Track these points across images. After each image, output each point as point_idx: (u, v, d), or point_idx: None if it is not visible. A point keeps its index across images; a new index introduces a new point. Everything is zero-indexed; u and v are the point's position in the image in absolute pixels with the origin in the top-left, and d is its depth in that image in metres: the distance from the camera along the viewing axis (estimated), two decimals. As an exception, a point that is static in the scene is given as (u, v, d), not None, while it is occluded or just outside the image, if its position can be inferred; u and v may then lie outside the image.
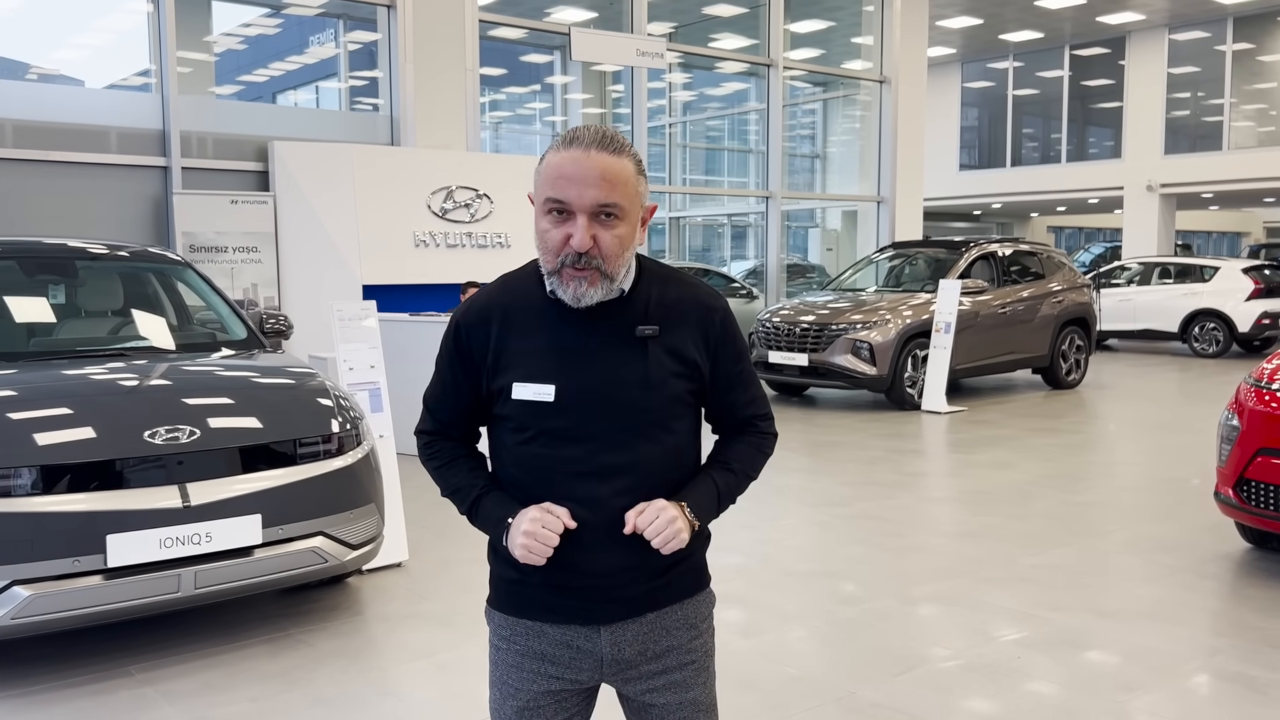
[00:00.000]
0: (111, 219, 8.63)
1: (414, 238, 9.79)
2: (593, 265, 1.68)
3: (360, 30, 11.00)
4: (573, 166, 1.66)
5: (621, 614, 1.80)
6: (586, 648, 1.80)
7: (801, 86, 16.29)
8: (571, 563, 1.75)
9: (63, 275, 5.26)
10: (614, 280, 1.72)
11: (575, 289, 1.70)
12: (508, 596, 1.84)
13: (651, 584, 1.81)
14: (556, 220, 1.69)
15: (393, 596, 4.75)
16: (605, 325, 1.76)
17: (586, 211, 1.66)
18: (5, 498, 3.57)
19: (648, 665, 1.82)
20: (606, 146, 1.67)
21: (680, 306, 1.80)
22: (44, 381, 4.21)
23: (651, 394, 1.75)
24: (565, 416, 1.73)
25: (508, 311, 1.79)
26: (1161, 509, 6.34)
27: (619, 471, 1.75)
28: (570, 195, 1.66)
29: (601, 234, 1.68)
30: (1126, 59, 23.28)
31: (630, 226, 1.71)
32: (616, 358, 1.75)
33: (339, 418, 4.39)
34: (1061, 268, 12.25)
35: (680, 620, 1.85)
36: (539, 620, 1.81)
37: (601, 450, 1.74)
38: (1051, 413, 10.31)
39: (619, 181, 1.68)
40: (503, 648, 1.86)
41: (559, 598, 1.79)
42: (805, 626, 4.37)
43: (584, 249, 1.66)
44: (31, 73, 9.23)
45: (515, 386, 1.74)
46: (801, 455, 8.15)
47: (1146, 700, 3.60)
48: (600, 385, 1.74)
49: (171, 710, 3.56)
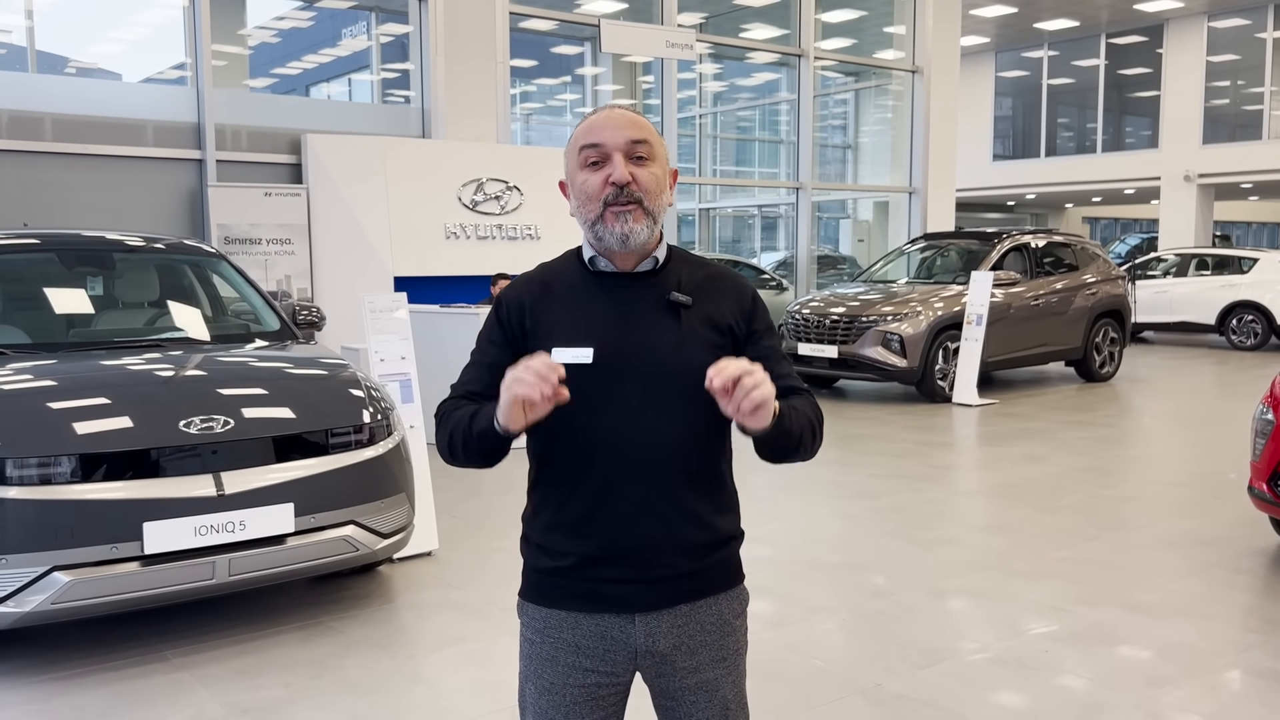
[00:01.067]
0: (148, 211, 8.75)
1: (445, 229, 9.85)
2: (634, 198, 1.76)
3: (392, 23, 11.06)
4: (602, 118, 1.79)
5: (656, 601, 1.80)
6: (621, 639, 1.81)
7: (833, 76, 16.19)
8: (609, 532, 1.77)
9: (101, 267, 5.35)
10: (656, 219, 1.79)
11: (621, 227, 1.76)
12: (542, 587, 1.85)
13: (687, 566, 1.81)
14: (594, 169, 1.78)
15: (423, 585, 4.81)
16: (641, 294, 1.82)
17: (621, 149, 1.76)
18: (45, 485, 3.65)
19: (682, 661, 1.83)
20: (627, 108, 1.81)
21: (713, 283, 1.87)
22: (82, 372, 4.29)
23: (686, 359, 1.77)
24: (601, 380, 1.75)
25: (546, 285, 1.86)
26: (1196, 504, 6.27)
27: (655, 436, 1.76)
28: (604, 138, 1.77)
29: (638, 171, 1.77)
30: (1164, 47, 22.94)
31: (662, 168, 1.81)
32: (653, 324, 1.79)
33: (370, 408, 4.44)
34: (1095, 259, 12.12)
35: (714, 616, 1.85)
36: (574, 610, 1.81)
37: (638, 414, 1.76)
38: (1084, 406, 10.21)
39: (646, 127, 1.80)
40: (536, 641, 1.86)
41: (594, 583, 1.79)
42: (832, 618, 4.38)
43: (624, 180, 1.74)
44: (71, 67, 9.36)
45: (555, 351, 1.75)
46: (831, 448, 8.13)
47: (1177, 695, 3.58)
48: (636, 350, 1.77)
49: (206, 694, 3.63)
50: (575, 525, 1.79)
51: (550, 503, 1.83)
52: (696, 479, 1.81)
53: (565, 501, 1.80)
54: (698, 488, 1.81)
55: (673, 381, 1.77)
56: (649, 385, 1.76)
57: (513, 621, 4.16)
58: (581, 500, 1.78)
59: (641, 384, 1.76)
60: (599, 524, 1.77)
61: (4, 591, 3.56)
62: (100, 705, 3.54)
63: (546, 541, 1.82)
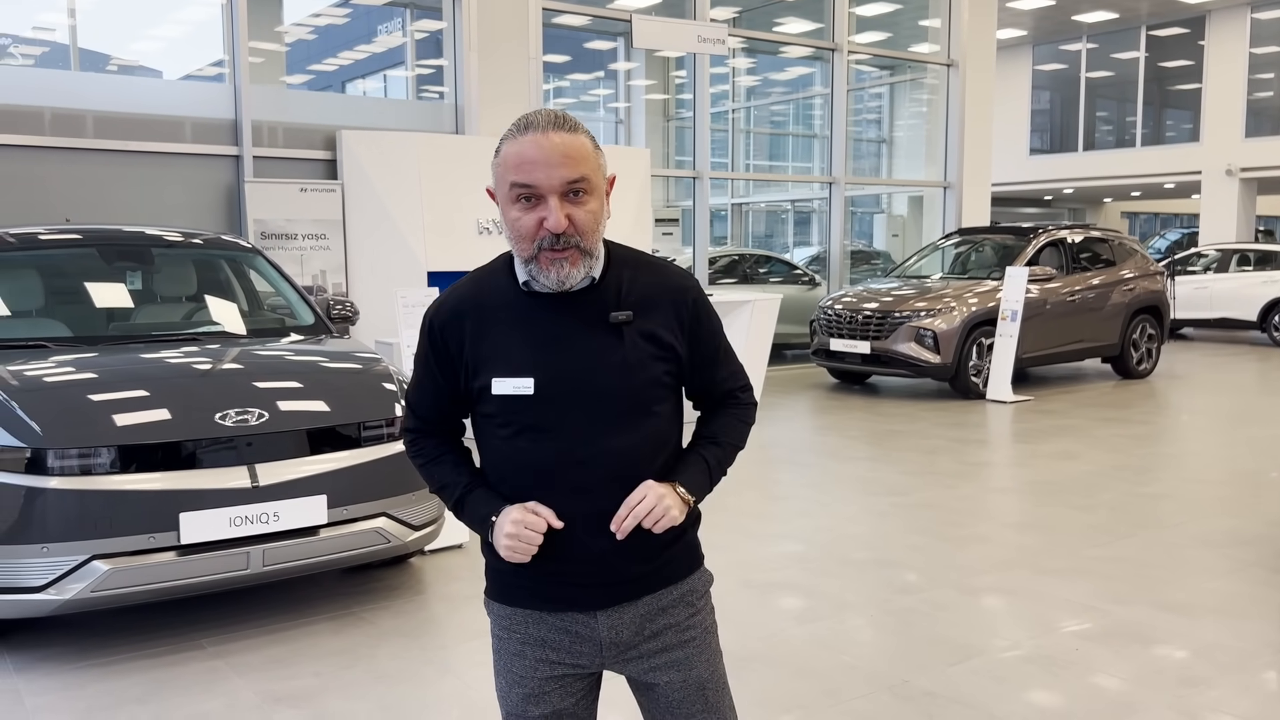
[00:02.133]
0: (186, 207, 8.87)
1: (477, 225, 9.90)
2: (572, 244, 1.68)
3: (427, 19, 11.13)
4: (535, 150, 1.66)
5: (617, 598, 1.81)
6: (585, 633, 1.81)
7: (868, 70, 16.09)
8: (563, 552, 1.77)
9: (140, 262, 5.44)
10: (593, 256, 1.73)
11: (557, 272, 1.70)
12: (504, 588, 1.86)
13: (644, 568, 1.82)
14: (526, 206, 1.69)
15: (454, 577, 4.85)
16: (579, 314, 1.76)
17: (556, 192, 1.66)
18: (86, 476, 3.72)
19: (646, 644, 1.83)
20: (562, 126, 1.68)
21: (651, 291, 1.80)
22: (122, 365, 4.36)
23: (630, 378, 1.75)
24: (546, 407, 1.73)
25: (480, 307, 1.79)
26: (1235, 502, 6.19)
27: (604, 458, 1.75)
28: (538, 178, 1.66)
29: (575, 212, 1.68)
30: (1206, 39, 22.57)
31: (599, 200, 1.72)
32: (593, 345, 1.75)
33: (402, 402, 4.48)
34: (1133, 255, 11.96)
35: (676, 599, 1.85)
36: (537, 609, 1.82)
37: (585, 438, 1.74)
38: (1121, 403, 10.10)
39: (581, 157, 1.68)
40: (504, 637, 1.87)
41: (553, 587, 1.80)
42: (862, 615, 4.37)
43: (560, 229, 1.66)
44: (112, 64, 9.51)
45: (494, 382, 1.74)
46: (862, 444, 8.10)
47: (1210, 696, 3.54)
48: (579, 373, 1.74)
49: (241, 682, 3.69)
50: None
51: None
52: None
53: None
54: None
55: (619, 404, 1.75)
56: (595, 409, 1.74)
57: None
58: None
59: (587, 408, 1.74)
60: (555, 543, 1.75)
61: (45, 579, 3.64)
62: (137, 691, 3.61)
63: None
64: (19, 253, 5.18)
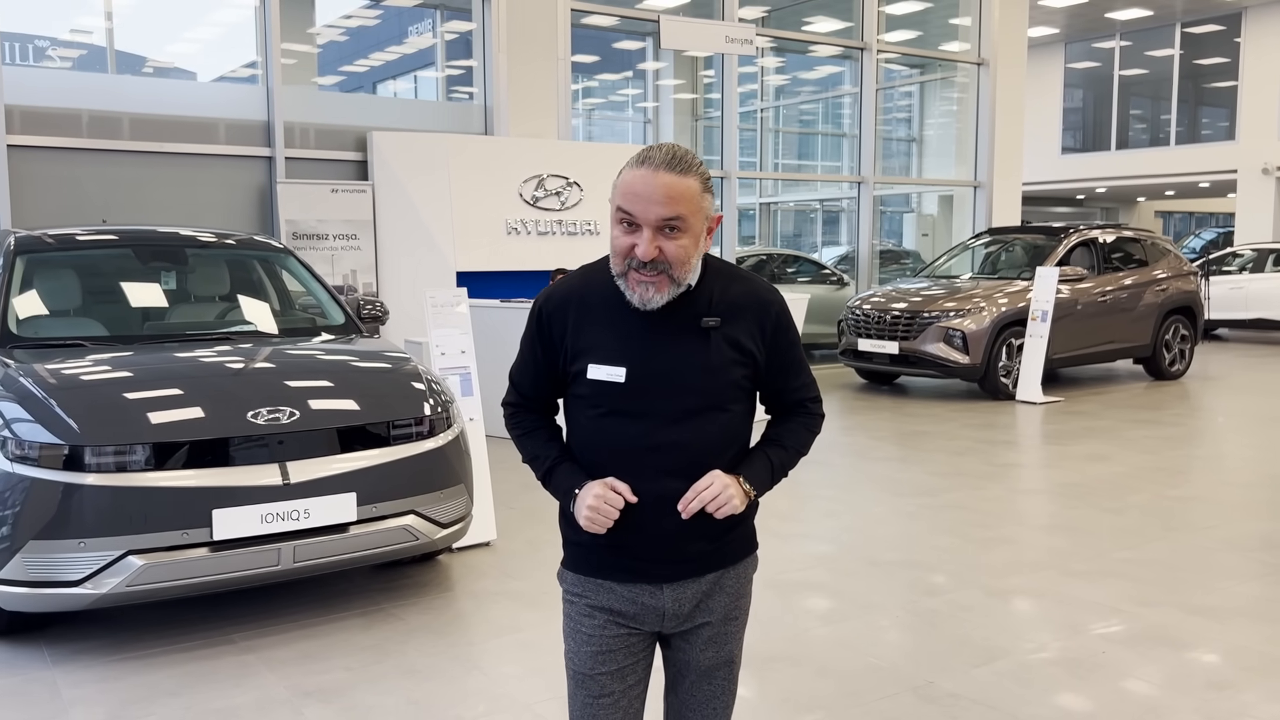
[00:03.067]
0: (219, 208, 8.99)
1: (506, 225, 9.96)
2: (660, 270, 1.87)
3: (457, 20, 11.20)
4: (641, 184, 1.85)
5: (681, 574, 2.01)
6: (651, 604, 2.01)
7: (897, 69, 16.01)
8: (636, 527, 1.96)
9: (174, 262, 5.53)
10: (680, 284, 1.91)
11: (641, 294, 1.90)
12: (580, 559, 2.05)
13: (706, 547, 2.01)
14: (626, 230, 1.88)
15: (481, 574, 4.90)
16: (673, 317, 1.95)
17: (651, 225, 1.85)
18: (121, 472, 3.80)
19: (702, 617, 2.06)
20: (674, 167, 1.84)
21: (740, 301, 2.00)
22: (156, 363, 4.44)
23: (711, 378, 1.95)
24: (634, 395, 1.93)
25: (585, 301, 1.99)
26: (1267, 505, 6.12)
27: (679, 447, 1.95)
28: (637, 210, 1.85)
29: (666, 245, 1.86)
30: (1242, 36, 22.27)
31: (693, 238, 1.89)
32: (682, 346, 1.95)
33: (431, 401, 4.53)
34: (1166, 254, 11.84)
35: (733, 580, 2.08)
36: (608, 579, 2.01)
37: (664, 427, 1.94)
38: (1153, 404, 10.00)
39: (682, 199, 1.85)
40: (575, 601, 2.06)
41: (625, 559, 2.00)
42: (887, 616, 4.37)
43: (648, 259, 1.85)
44: (148, 66, 9.64)
45: (591, 368, 1.94)
46: (890, 444, 8.08)
47: (1237, 700, 3.52)
48: (666, 370, 1.94)
49: (272, 676, 3.75)
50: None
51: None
52: None
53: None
54: None
55: (698, 400, 1.95)
56: (675, 401, 1.94)
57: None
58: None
59: (669, 400, 1.94)
60: (628, 519, 1.95)
61: (82, 574, 3.71)
62: (171, 684, 3.68)
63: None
64: (57, 253, 5.28)
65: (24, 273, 5.06)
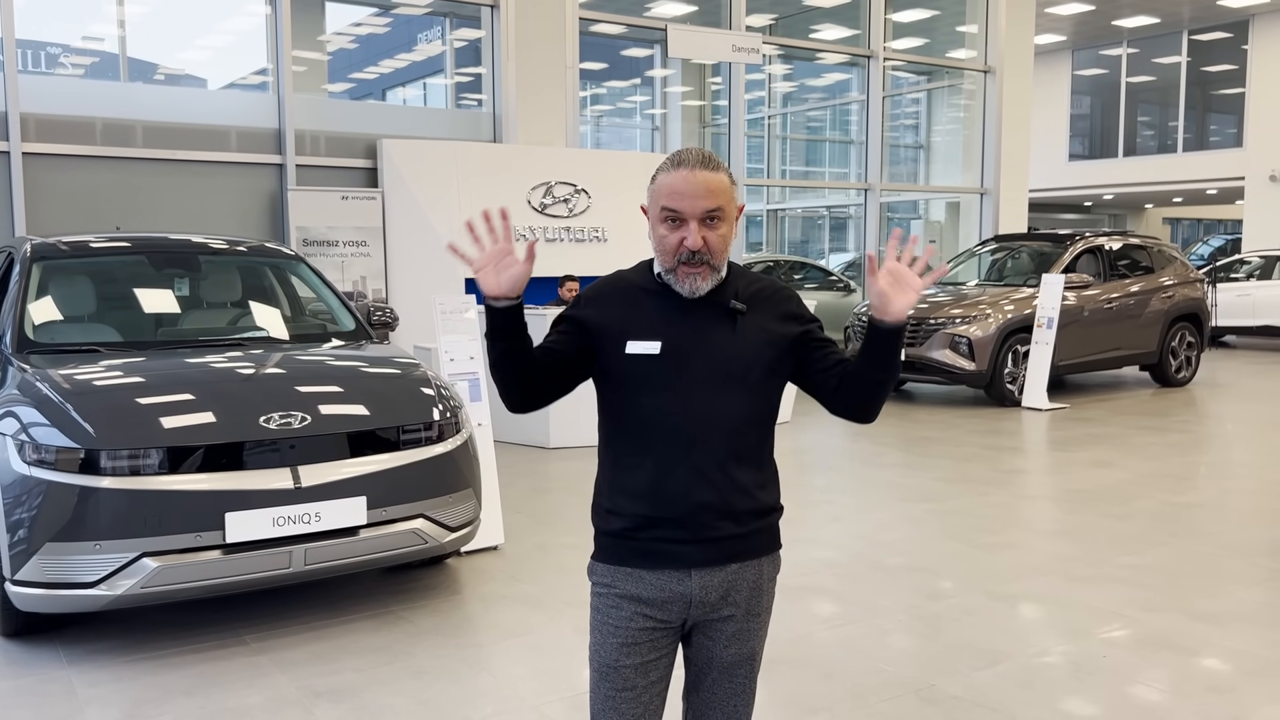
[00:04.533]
0: (231, 214, 9.07)
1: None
2: (704, 261, 2.04)
3: (466, 28, 11.28)
4: (684, 184, 2.03)
5: (710, 559, 2.07)
6: (678, 590, 2.07)
7: (904, 76, 16.06)
8: (666, 502, 2.04)
9: (187, 269, 5.60)
10: (719, 273, 2.08)
11: (691, 283, 2.06)
12: (610, 548, 2.12)
13: (733, 529, 2.08)
14: (672, 227, 2.05)
15: (489, 578, 4.95)
16: (704, 303, 2.10)
17: (697, 218, 2.03)
18: (135, 476, 3.86)
19: (727, 610, 2.11)
20: (708, 165, 2.04)
21: (763, 294, 2.16)
22: (170, 369, 4.51)
23: (740, 357, 2.08)
24: (667, 366, 2.05)
25: (622, 290, 2.15)
26: (1272, 511, 6.15)
27: (710, 418, 2.05)
28: (684, 206, 2.03)
29: (709, 235, 2.04)
30: (1250, 43, 22.27)
31: (729, 225, 2.09)
32: (714, 327, 2.09)
33: (440, 406, 4.59)
34: (1172, 262, 11.86)
35: (756, 574, 2.14)
36: (638, 567, 2.08)
37: (695, 400, 2.04)
38: (1159, 411, 10.02)
39: (720, 191, 2.05)
40: (603, 593, 2.11)
41: (655, 543, 2.06)
42: (891, 620, 4.41)
43: (697, 248, 2.03)
44: (159, 73, 9.74)
45: (630, 344, 2.07)
46: (896, 450, 8.11)
47: (1238, 704, 3.55)
48: (698, 345, 2.07)
49: (283, 677, 3.81)
50: (637, 491, 2.06)
51: (618, 469, 2.10)
52: (744, 456, 2.08)
53: (631, 468, 2.08)
54: (744, 464, 2.08)
55: (728, 371, 2.06)
56: (707, 374, 2.05)
57: (574, 614, 4.28)
58: (644, 469, 2.05)
59: (701, 372, 2.05)
60: (659, 490, 2.04)
61: (97, 575, 3.77)
62: (185, 684, 3.74)
63: (613, 505, 2.10)
64: (72, 260, 5.36)
65: (40, 280, 5.13)
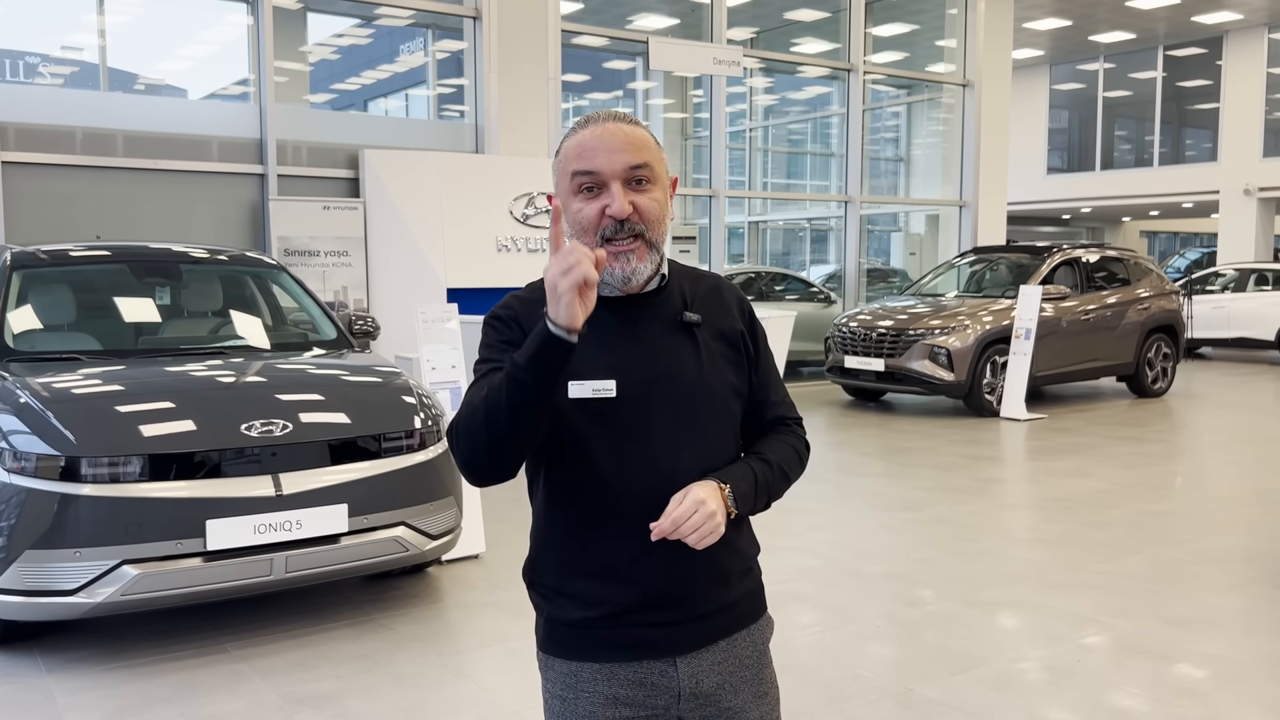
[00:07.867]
0: (213, 224, 9.06)
1: (496, 242, 10.06)
2: (635, 232, 1.59)
3: (448, 39, 11.32)
4: (596, 140, 1.59)
5: (694, 639, 1.67)
6: (662, 683, 1.65)
7: (884, 90, 16.21)
8: (647, 575, 1.63)
9: (168, 278, 5.60)
10: (659, 250, 1.63)
11: (623, 267, 1.59)
12: (569, 641, 1.67)
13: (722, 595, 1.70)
14: (588, 196, 1.59)
15: (470, 586, 4.96)
16: (651, 315, 1.67)
17: (619, 177, 1.58)
18: (115, 483, 3.86)
19: (727, 700, 1.70)
20: (623, 120, 1.62)
21: (714, 294, 1.75)
22: (150, 377, 4.51)
23: (710, 381, 1.67)
24: (628, 411, 1.60)
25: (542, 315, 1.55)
26: (1245, 520, 6.23)
27: (687, 471, 1.62)
28: (599, 163, 1.58)
29: (639, 199, 1.59)
30: (1224, 59, 22.59)
31: (663, 190, 1.64)
32: (671, 348, 1.66)
33: (421, 414, 4.61)
34: (1149, 274, 12.01)
35: (750, 647, 1.75)
36: (609, 661, 1.64)
37: (668, 447, 1.62)
38: (1135, 421, 10.13)
39: (644, 145, 1.61)
40: (568, 698, 1.66)
41: (632, 630, 1.64)
42: (869, 626, 4.45)
43: (624, 214, 1.57)
44: (140, 84, 9.72)
45: (571, 385, 1.57)
46: (876, 460, 8.17)
47: (1211, 709, 3.60)
48: (660, 375, 1.63)
49: (263, 685, 3.81)
50: (608, 570, 1.63)
51: (570, 543, 1.66)
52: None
53: (590, 543, 1.64)
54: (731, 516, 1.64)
55: (700, 409, 1.65)
56: (676, 415, 1.63)
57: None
58: (613, 542, 1.62)
59: (669, 414, 1.62)
60: (636, 567, 1.62)
61: (77, 583, 3.77)
62: (166, 692, 3.74)
63: (571, 590, 1.65)
64: (52, 268, 5.35)
65: (20, 288, 5.12)
